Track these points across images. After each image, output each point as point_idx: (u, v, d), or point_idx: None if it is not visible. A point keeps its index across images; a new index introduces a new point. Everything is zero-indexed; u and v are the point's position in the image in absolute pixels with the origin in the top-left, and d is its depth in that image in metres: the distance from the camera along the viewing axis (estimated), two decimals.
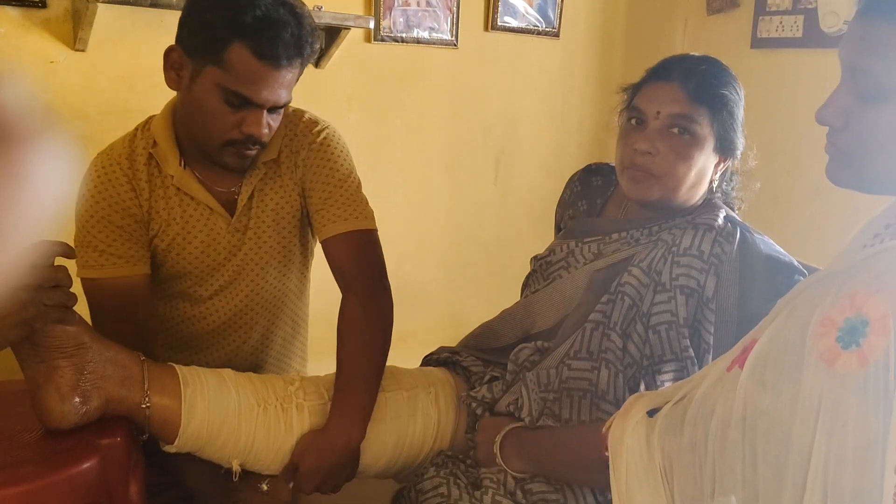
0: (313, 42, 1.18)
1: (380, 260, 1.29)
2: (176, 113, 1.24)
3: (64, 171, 0.33)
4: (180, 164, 1.23)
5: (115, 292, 1.20)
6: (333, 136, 1.31)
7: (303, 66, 1.19)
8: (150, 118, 1.28)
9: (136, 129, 1.27)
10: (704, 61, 1.18)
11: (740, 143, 1.18)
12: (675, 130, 1.13)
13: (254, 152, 1.21)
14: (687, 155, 1.13)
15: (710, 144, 1.15)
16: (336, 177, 1.28)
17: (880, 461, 0.63)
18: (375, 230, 1.29)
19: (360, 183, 1.31)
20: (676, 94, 1.13)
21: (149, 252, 1.25)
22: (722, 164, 1.19)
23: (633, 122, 1.17)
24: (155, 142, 1.23)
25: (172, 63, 1.17)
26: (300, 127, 1.29)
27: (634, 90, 1.20)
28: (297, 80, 1.20)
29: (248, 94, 1.13)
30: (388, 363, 1.26)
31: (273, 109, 1.18)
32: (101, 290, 1.20)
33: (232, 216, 1.27)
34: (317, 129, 1.30)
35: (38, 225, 0.32)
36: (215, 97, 1.14)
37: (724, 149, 1.17)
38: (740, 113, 1.17)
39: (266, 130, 1.17)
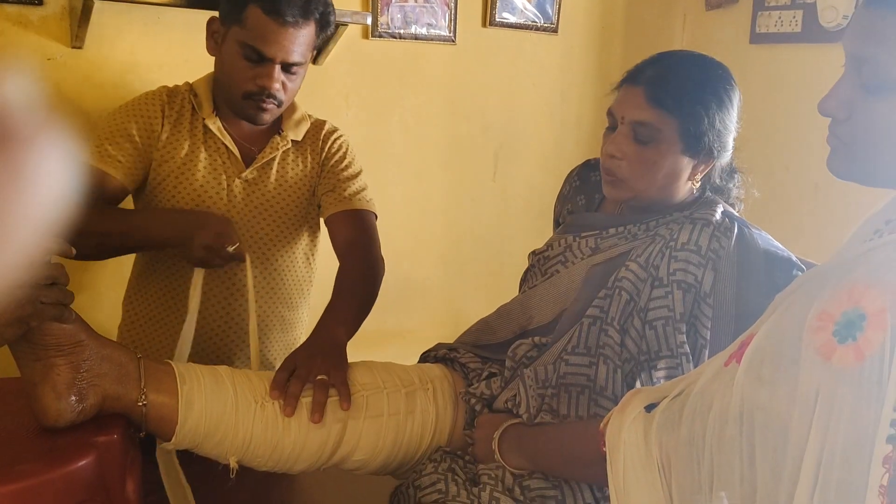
0: (325, 11, 1.37)
1: (377, 237, 1.48)
2: (214, 80, 1.46)
3: (62, 169, 0.32)
4: (213, 113, 1.45)
5: (97, 184, 1.36)
6: (346, 142, 1.56)
7: (317, 31, 1.38)
8: (186, 82, 1.50)
9: (174, 85, 1.49)
10: (678, 62, 1.17)
11: (724, 143, 1.16)
12: (638, 136, 1.13)
13: (270, 107, 1.39)
14: (648, 160, 1.14)
15: (675, 148, 1.14)
16: (346, 173, 1.51)
17: (868, 454, 0.62)
18: (375, 216, 1.51)
19: (366, 185, 1.53)
20: (639, 99, 1.13)
21: (140, 174, 1.42)
22: (704, 166, 1.18)
23: (608, 124, 1.19)
24: (195, 94, 1.46)
25: (212, 32, 1.40)
26: (323, 132, 1.54)
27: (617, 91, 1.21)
28: (312, 46, 1.39)
29: (261, 47, 1.33)
30: (385, 360, 1.27)
31: (287, 69, 1.37)
32: (89, 179, 1.34)
33: (247, 168, 1.46)
34: (336, 134, 1.55)
35: (35, 222, 0.32)
36: (236, 53, 1.35)
37: (698, 151, 1.15)
38: (722, 114, 1.14)
39: (278, 85, 1.36)
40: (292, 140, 1.49)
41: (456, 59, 2.35)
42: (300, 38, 1.36)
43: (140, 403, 1.06)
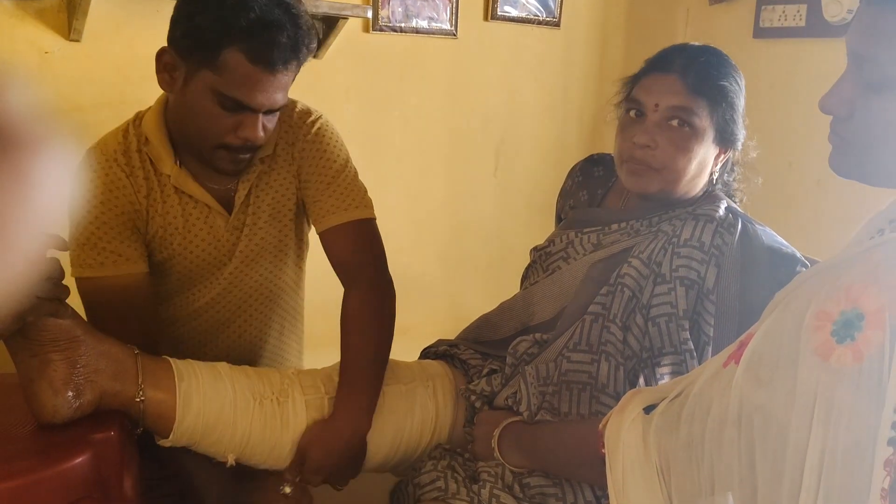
0: (310, 43, 1.14)
1: (380, 250, 1.27)
2: (168, 111, 1.20)
3: (59, 164, 0.32)
4: (175, 163, 1.20)
5: (115, 292, 1.16)
6: (327, 125, 1.29)
7: (299, 67, 1.16)
8: (139, 114, 1.24)
9: (127, 124, 1.23)
10: (704, 52, 1.16)
11: (741, 134, 1.17)
12: (675, 123, 1.12)
13: (247, 156, 1.18)
14: (686, 147, 1.12)
15: (709, 136, 1.13)
16: (333, 168, 1.26)
17: (869, 457, 0.61)
18: (374, 219, 1.28)
19: (356, 172, 1.29)
20: (675, 86, 1.12)
21: (146, 251, 1.22)
22: (722, 156, 1.18)
23: (633, 113, 1.16)
24: (147, 140, 1.20)
25: (165, 65, 1.14)
26: (294, 118, 1.27)
27: (633, 81, 1.19)
28: (293, 80, 1.17)
29: (244, 98, 1.10)
30: None
31: (269, 111, 1.15)
32: (101, 291, 1.16)
33: (230, 214, 1.25)
34: (310, 119, 1.27)
35: (32, 218, 0.32)
36: (210, 100, 1.11)
37: (725, 140, 1.15)
38: (741, 104, 1.16)
39: (262, 134, 1.14)
40: (261, 158, 1.24)
41: (457, 54, 2.34)
42: (286, 80, 1.14)
43: (137, 400, 1.05)
